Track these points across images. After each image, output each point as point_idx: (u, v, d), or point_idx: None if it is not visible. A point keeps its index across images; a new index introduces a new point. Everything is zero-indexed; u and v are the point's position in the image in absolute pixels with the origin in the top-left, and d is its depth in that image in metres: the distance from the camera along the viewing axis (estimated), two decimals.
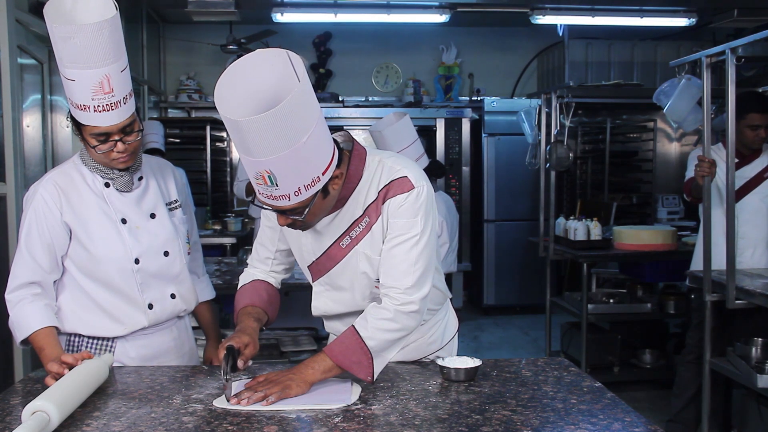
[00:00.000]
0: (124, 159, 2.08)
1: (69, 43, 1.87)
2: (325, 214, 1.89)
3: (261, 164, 1.66)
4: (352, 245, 1.95)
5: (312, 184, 1.73)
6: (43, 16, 1.88)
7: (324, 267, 2.01)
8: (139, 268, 2.14)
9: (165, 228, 2.21)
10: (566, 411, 1.72)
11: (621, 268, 5.62)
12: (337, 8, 6.02)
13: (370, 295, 2.00)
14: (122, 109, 2.00)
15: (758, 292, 3.41)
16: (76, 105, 1.98)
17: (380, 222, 1.91)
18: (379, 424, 1.63)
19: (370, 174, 1.92)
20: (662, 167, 7.83)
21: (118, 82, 1.96)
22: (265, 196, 1.75)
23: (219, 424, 1.62)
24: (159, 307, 2.20)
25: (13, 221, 3.31)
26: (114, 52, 1.93)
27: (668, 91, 4.60)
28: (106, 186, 2.14)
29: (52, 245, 2.09)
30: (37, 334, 2.02)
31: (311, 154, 1.70)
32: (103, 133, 2.01)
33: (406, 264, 1.89)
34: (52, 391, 1.64)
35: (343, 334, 1.90)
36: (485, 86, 7.75)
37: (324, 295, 2.08)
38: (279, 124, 1.59)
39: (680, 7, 6.05)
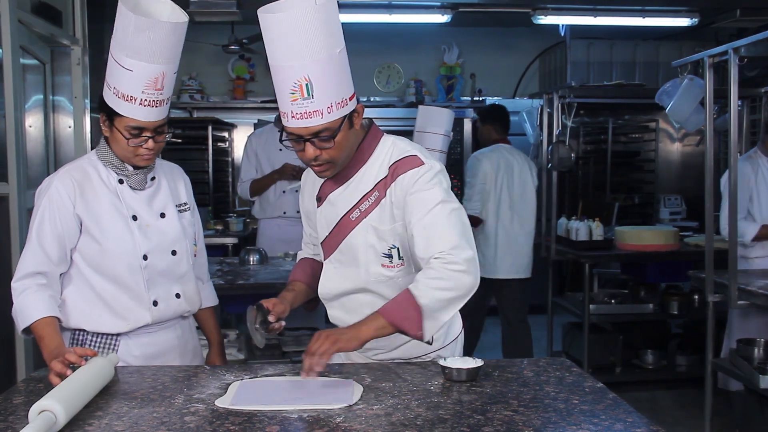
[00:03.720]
0: (149, 156, 2.15)
1: (142, 35, 1.96)
2: (345, 159, 1.99)
3: (301, 69, 1.81)
4: (362, 218, 2.03)
5: (342, 104, 1.88)
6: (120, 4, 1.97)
7: (335, 241, 2.08)
8: (147, 264, 2.18)
9: (174, 228, 2.26)
10: (568, 411, 1.72)
11: (623, 268, 5.61)
12: (339, 8, 6.00)
13: (376, 273, 2.05)
14: (163, 108, 2.10)
15: (760, 292, 3.41)
16: (121, 95, 2.04)
17: (389, 197, 1.99)
18: (381, 424, 1.63)
19: (383, 152, 2.04)
20: (664, 167, 7.82)
21: (169, 82, 2.08)
22: (298, 116, 1.86)
23: (221, 424, 1.62)
24: (164, 305, 2.22)
25: (15, 221, 3.32)
26: (175, 54, 2.06)
27: (671, 91, 4.60)
28: (120, 183, 2.19)
29: (62, 236, 2.13)
30: (38, 323, 2.03)
31: (343, 71, 1.88)
32: (138, 128, 2.08)
33: (441, 228, 1.93)
34: (58, 390, 1.64)
35: (396, 298, 1.93)
36: (487, 86, 7.74)
37: (334, 272, 2.13)
38: (320, 22, 1.79)
39: (682, 7, 6.03)
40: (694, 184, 7.33)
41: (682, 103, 4.44)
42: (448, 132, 4.39)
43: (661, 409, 4.63)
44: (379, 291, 2.07)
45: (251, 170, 4.81)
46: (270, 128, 4.91)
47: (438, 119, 4.34)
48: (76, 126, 4.16)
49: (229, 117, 7.42)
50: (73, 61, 4.13)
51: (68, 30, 4.11)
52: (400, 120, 6.95)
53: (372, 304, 2.04)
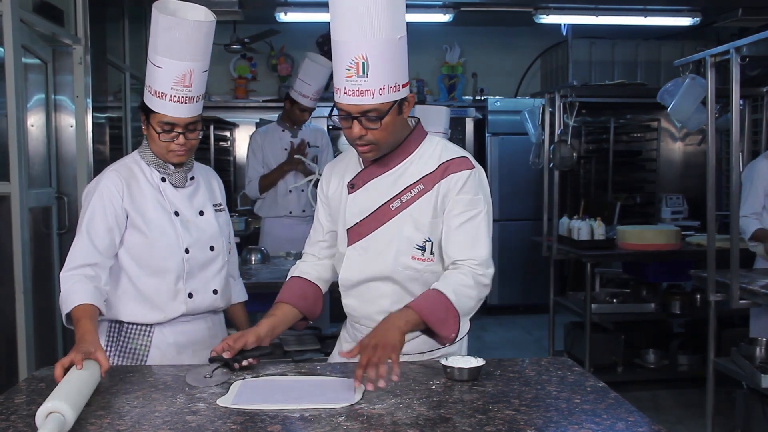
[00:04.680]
0: (181, 153, 2.26)
1: (168, 34, 2.10)
2: (389, 144, 2.02)
3: (360, 47, 1.88)
4: (402, 208, 2.06)
5: (395, 89, 1.93)
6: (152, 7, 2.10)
7: (366, 229, 2.09)
8: (189, 257, 2.30)
9: (212, 225, 2.38)
10: (570, 411, 1.72)
11: (624, 267, 5.61)
12: None
13: (404, 264, 2.07)
14: (193, 106, 2.21)
15: (762, 291, 3.41)
16: (154, 92, 2.18)
17: (436, 191, 2.04)
18: (383, 423, 1.63)
19: (430, 148, 2.10)
20: (666, 167, 7.82)
21: (198, 80, 2.19)
22: (350, 93, 1.92)
23: (223, 423, 1.63)
24: (199, 298, 2.33)
25: (17, 220, 3.32)
26: (202, 53, 2.17)
27: (672, 91, 4.60)
28: (162, 180, 2.32)
29: (113, 229, 2.23)
30: (76, 309, 2.05)
31: (401, 57, 1.94)
32: (169, 123, 2.20)
33: (477, 239, 2.03)
34: (61, 391, 1.63)
35: (426, 294, 1.95)
36: (489, 86, 7.75)
37: (358, 259, 2.12)
38: (386, 5, 1.88)
39: (684, 6, 6.02)
40: (696, 184, 7.34)
41: (683, 103, 4.44)
42: (446, 130, 4.39)
43: (663, 409, 4.63)
44: (403, 282, 2.09)
45: (258, 167, 4.77)
46: (273, 127, 4.90)
47: (436, 118, 4.35)
48: (78, 125, 4.16)
49: (230, 116, 7.43)
50: (75, 60, 4.13)
51: (70, 29, 4.11)
52: None
53: (391, 295, 2.09)
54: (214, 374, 1.96)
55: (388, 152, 2.07)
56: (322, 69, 4.71)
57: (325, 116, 7.42)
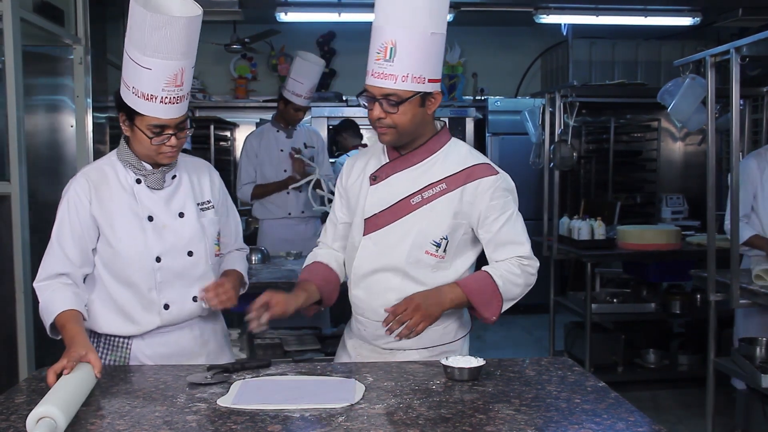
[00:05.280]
0: (172, 154, 2.13)
1: (158, 33, 1.94)
2: (408, 134, 2.09)
3: (391, 33, 1.98)
4: (422, 204, 2.12)
5: (419, 80, 2.01)
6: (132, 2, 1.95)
7: (384, 220, 2.15)
8: (161, 266, 2.15)
9: (191, 228, 2.21)
10: (570, 410, 1.72)
11: (625, 267, 5.61)
12: (341, 8, 6.01)
13: (416, 257, 2.13)
14: (184, 104, 2.08)
15: (762, 291, 3.41)
16: (141, 94, 2.02)
17: (460, 193, 2.12)
18: (383, 423, 1.63)
19: (455, 151, 2.18)
20: (666, 167, 7.82)
21: (188, 77, 2.06)
22: (375, 75, 2.01)
23: (223, 423, 1.63)
24: (176, 308, 2.19)
25: (17, 221, 3.32)
26: (192, 48, 2.04)
27: (672, 91, 4.60)
28: (137, 182, 2.17)
29: (82, 237, 2.13)
30: (60, 316, 2.01)
31: (432, 52, 2.03)
32: (160, 126, 2.06)
33: (517, 237, 2.18)
34: (53, 395, 1.62)
35: (475, 276, 2.13)
36: (489, 86, 7.74)
37: (370, 250, 2.17)
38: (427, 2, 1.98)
39: (684, 6, 6.02)
40: (696, 184, 7.33)
41: (683, 103, 4.44)
42: None
43: (663, 409, 4.63)
44: (413, 275, 2.14)
45: (251, 172, 4.78)
46: (268, 128, 4.89)
47: None
48: (78, 125, 4.16)
49: (231, 116, 7.43)
50: (75, 60, 4.14)
51: (70, 29, 4.11)
52: None
53: (399, 289, 2.14)
54: (214, 375, 1.96)
55: (407, 142, 2.14)
56: (313, 67, 4.72)
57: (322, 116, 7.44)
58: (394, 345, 2.18)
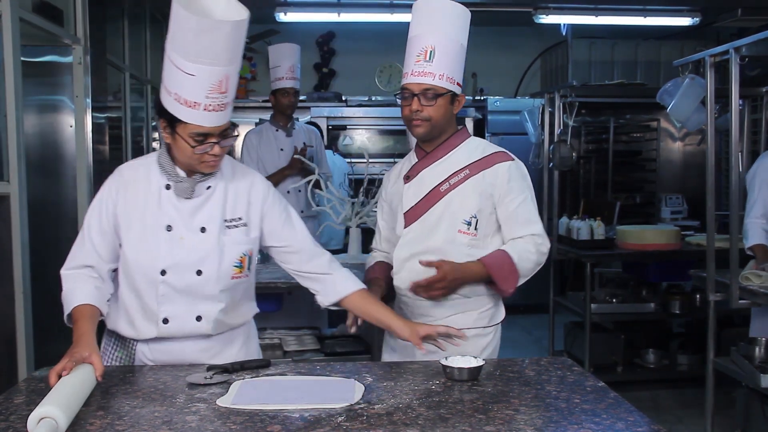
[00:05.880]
0: (215, 163, 2.03)
1: (203, 37, 1.84)
2: (438, 128, 2.39)
3: (431, 38, 2.31)
4: (450, 189, 2.38)
5: (452, 81, 2.35)
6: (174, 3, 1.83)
7: (420, 211, 2.41)
8: (164, 280, 2.05)
9: (209, 245, 2.07)
10: (569, 410, 1.72)
11: (624, 267, 5.61)
12: (341, 8, 6.02)
13: (452, 237, 2.37)
14: (227, 111, 1.99)
15: (761, 291, 3.41)
16: (183, 101, 1.92)
17: (483, 176, 2.37)
18: (382, 423, 1.63)
19: (473, 143, 2.47)
20: (666, 167, 7.82)
21: (233, 83, 1.97)
22: (416, 74, 2.32)
23: (222, 423, 1.63)
24: (175, 324, 2.09)
25: (16, 220, 3.31)
26: (237, 54, 1.94)
27: (672, 91, 4.60)
28: (167, 188, 2.08)
29: (109, 233, 2.09)
30: (75, 309, 2.00)
31: (459, 60, 2.36)
32: (203, 134, 1.96)
33: (533, 215, 2.40)
34: (55, 395, 1.62)
35: (495, 254, 2.34)
36: (488, 86, 7.74)
37: (411, 237, 2.41)
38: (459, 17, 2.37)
39: (684, 6, 6.03)
40: (696, 184, 7.33)
41: (683, 103, 4.44)
42: None
43: (663, 409, 4.63)
44: (450, 254, 2.34)
45: (252, 166, 4.78)
46: (267, 127, 4.90)
47: None
48: (78, 125, 4.16)
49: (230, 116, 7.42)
50: (75, 60, 4.13)
51: (69, 29, 4.10)
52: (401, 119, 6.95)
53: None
54: (213, 376, 1.96)
55: (435, 137, 2.41)
56: (287, 47, 4.86)
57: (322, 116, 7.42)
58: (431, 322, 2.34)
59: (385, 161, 6.49)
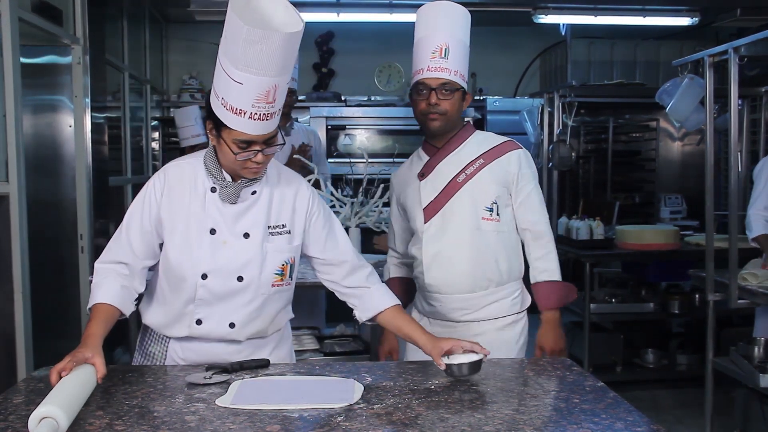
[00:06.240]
0: (257, 170, 2.01)
1: (253, 47, 1.81)
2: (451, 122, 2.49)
3: (444, 37, 2.44)
4: (468, 179, 2.48)
5: (463, 78, 2.47)
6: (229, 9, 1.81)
7: (439, 204, 2.50)
8: (205, 284, 2.05)
9: (252, 251, 2.07)
10: (569, 410, 1.72)
11: (624, 267, 5.61)
12: (340, 8, 6.01)
13: (476, 225, 2.47)
14: (273, 120, 1.96)
15: (761, 291, 3.41)
16: (230, 107, 1.90)
17: (497, 164, 2.50)
18: (382, 423, 1.63)
19: (481, 136, 2.60)
20: (665, 167, 7.81)
21: (282, 93, 1.93)
22: (433, 69, 2.43)
23: (222, 423, 1.63)
24: (208, 326, 2.10)
25: (15, 220, 3.31)
26: (288, 65, 1.90)
27: (671, 91, 4.61)
28: (212, 191, 2.07)
29: (149, 233, 2.08)
30: (95, 306, 2.01)
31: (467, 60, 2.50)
32: (247, 141, 1.95)
33: (542, 203, 2.58)
34: (56, 395, 1.62)
35: (547, 290, 2.62)
36: (488, 86, 7.73)
37: (435, 231, 2.50)
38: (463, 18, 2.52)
39: (683, 6, 6.03)
40: (695, 184, 7.33)
41: (682, 103, 4.44)
42: None
43: (662, 408, 4.63)
44: (479, 243, 2.47)
45: None
46: None
47: None
48: (77, 125, 4.16)
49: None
50: (74, 60, 4.13)
51: (69, 29, 4.10)
52: (401, 119, 6.94)
53: (469, 258, 2.46)
54: (213, 376, 1.96)
55: (447, 131, 2.51)
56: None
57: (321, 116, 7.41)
58: (469, 317, 2.52)
59: (384, 161, 6.49)
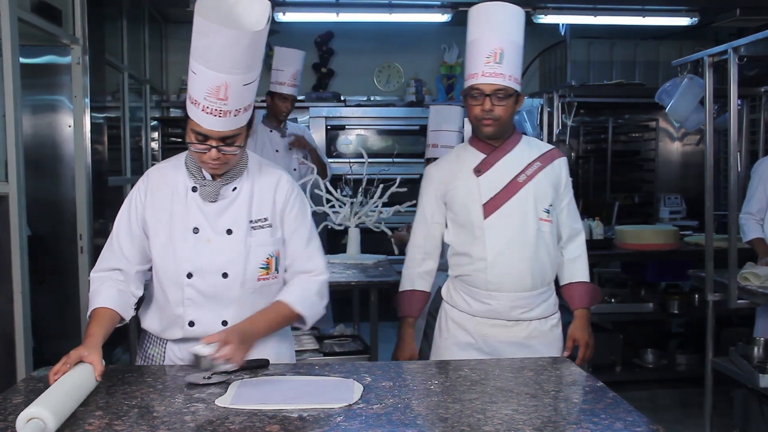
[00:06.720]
0: (215, 166, 2.01)
1: (203, 39, 1.84)
2: (504, 127, 2.52)
3: (498, 42, 2.44)
4: (528, 180, 2.54)
5: (517, 81, 2.49)
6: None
7: (500, 201, 2.53)
8: (191, 283, 2.06)
9: (235, 247, 2.07)
10: (568, 410, 1.72)
11: (623, 267, 5.61)
12: (339, 8, 6.02)
13: (535, 225, 2.54)
14: (230, 119, 1.93)
15: (760, 291, 3.41)
16: (189, 96, 1.94)
17: (549, 169, 2.58)
18: (381, 423, 1.63)
19: (530, 140, 2.66)
20: (664, 167, 7.81)
21: (237, 93, 1.90)
22: (487, 75, 2.43)
23: (221, 424, 1.62)
24: (201, 328, 2.08)
25: (15, 220, 3.31)
26: (244, 64, 1.88)
27: (670, 91, 4.61)
28: (193, 190, 2.08)
29: (139, 236, 2.10)
30: (94, 311, 2.02)
31: (521, 61, 2.52)
32: (203, 134, 1.95)
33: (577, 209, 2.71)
34: (46, 396, 1.62)
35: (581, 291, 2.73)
36: None
37: (496, 228, 2.53)
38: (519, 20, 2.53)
39: (682, 6, 6.03)
40: (694, 184, 7.33)
41: (681, 103, 4.45)
42: (461, 128, 4.53)
43: (661, 408, 4.63)
44: (538, 242, 2.54)
45: None
46: (261, 128, 4.92)
47: (451, 116, 4.51)
48: (76, 125, 4.15)
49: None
50: (73, 60, 4.13)
51: (68, 29, 4.10)
52: (401, 119, 6.95)
53: (531, 257, 2.52)
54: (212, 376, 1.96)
55: (500, 135, 2.54)
56: (292, 52, 4.91)
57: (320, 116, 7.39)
58: (522, 316, 2.58)
59: (383, 161, 6.50)
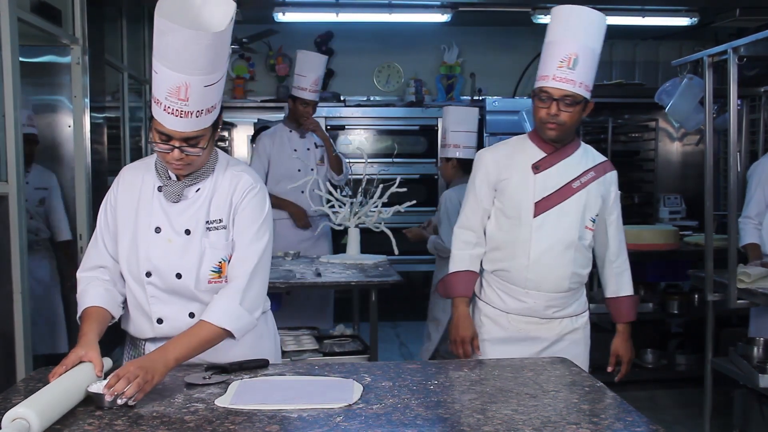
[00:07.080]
0: (178, 166, 1.99)
1: (162, 39, 1.80)
2: (567, 132, 2.54)
3: (575, 45, 2.46)
4: (581, 187, 2.58)
5: (587, 88, 2.49)
6: None
7: (552, 202, 2.57)
8: (150, 281, 2.07)
9: (191, 248, 2.05)
10: (568, 410, 1.72)
11: None
12: (339, 8, 6.02)
13: (581, 232, 2.59)
14: (192, 120, 1.90)
15: (760, 291, 3.41)
16: (153, 95, 1.92)
17: (602, 180, 2.62)
18: (381, 423, 1.63)
19: (588, 149, 2.68)
20: (664, 167, 7.81)
21: (198, 94, 1.87)
22: (558, 79, 2.45)
23: (220, 423, 1.62)
24: (169, 324, 2.08)
25: (14, 220, 3.31)
26: (205, 65, 1.84)
27: (670, 91, 4.61)
28: (159, 190, 2.07)
29: (114, 235, 2.10)
30: (85, 310, 2.02)
31: (595, 68, 2.54)
32: (165, 134, 1.93)
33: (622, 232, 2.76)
34: (36, 397, 1.61)
35: (627, 305, 2.98)
36: (487, 86, 7.74)
37: (545, 228, 2.56)
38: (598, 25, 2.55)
39: (682, 6, 6.03)
40: (694, 184, 7.33)
41: (681, 103, 4.45)
42: (474, 129, 4.61)
43: (661, 409, 4.63)
44: (578, 247, 2.60)
45: (261, 170, 4.87)
46: (280, 128, 4.98)
47: (466, 117, 4.62)
48: (76, 125, 4.16)
49: (228, 116, 7.40)
50: (73, 60, 4.13)
51: (68, 29, 4.10)
52: (400, 119, 6.95)
53: (571, 261, 2.59)
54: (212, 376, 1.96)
55: (563, 140, 2.56)
56: (316, 58, 4.96)
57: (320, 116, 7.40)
58: (556, 314, 2.65)
59: (383, 161, 6.50)
